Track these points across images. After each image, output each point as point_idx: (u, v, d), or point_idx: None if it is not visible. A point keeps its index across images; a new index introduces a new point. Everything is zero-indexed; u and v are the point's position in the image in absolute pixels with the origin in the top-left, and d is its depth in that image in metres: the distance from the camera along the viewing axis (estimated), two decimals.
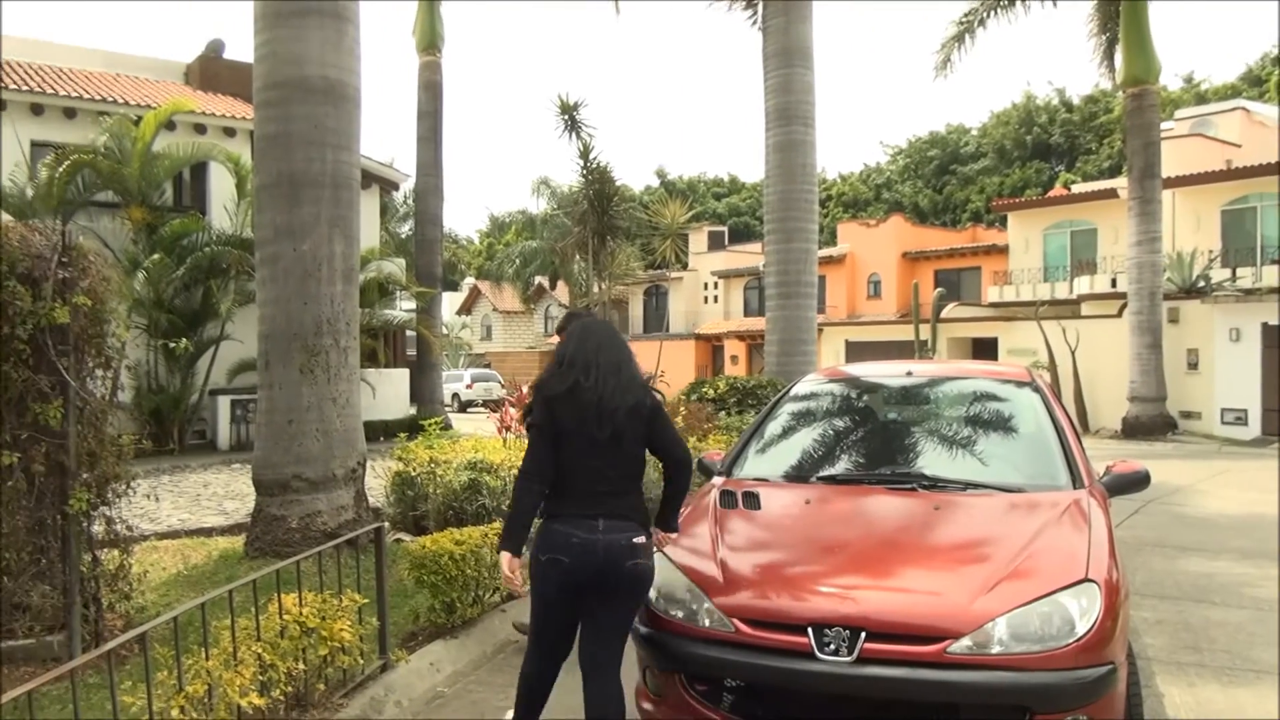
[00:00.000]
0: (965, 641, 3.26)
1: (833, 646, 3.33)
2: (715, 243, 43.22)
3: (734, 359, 37.18)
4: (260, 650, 3.90)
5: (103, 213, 17.00)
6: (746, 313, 39.32)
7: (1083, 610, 3.31)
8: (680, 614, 3.68)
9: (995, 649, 3.25)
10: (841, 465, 4.90)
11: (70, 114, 17.77)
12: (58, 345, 4.98)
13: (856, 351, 30.24)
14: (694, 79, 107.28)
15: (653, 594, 3.81)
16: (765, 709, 3.58)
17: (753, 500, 4.41)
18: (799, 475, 4.74)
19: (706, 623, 3.60)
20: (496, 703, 4.79)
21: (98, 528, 5.29)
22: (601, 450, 3.43)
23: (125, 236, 16.78)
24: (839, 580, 3.66)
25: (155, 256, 16.03)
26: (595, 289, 13.31)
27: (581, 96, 12.94)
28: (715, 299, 41.79)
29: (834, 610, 3.42)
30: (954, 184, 57.03)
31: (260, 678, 3.83)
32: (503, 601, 6.18)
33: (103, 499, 5.24)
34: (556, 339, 3.79)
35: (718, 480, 4.80)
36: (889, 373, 5.83)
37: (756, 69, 15.67)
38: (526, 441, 3.57)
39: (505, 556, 3.52)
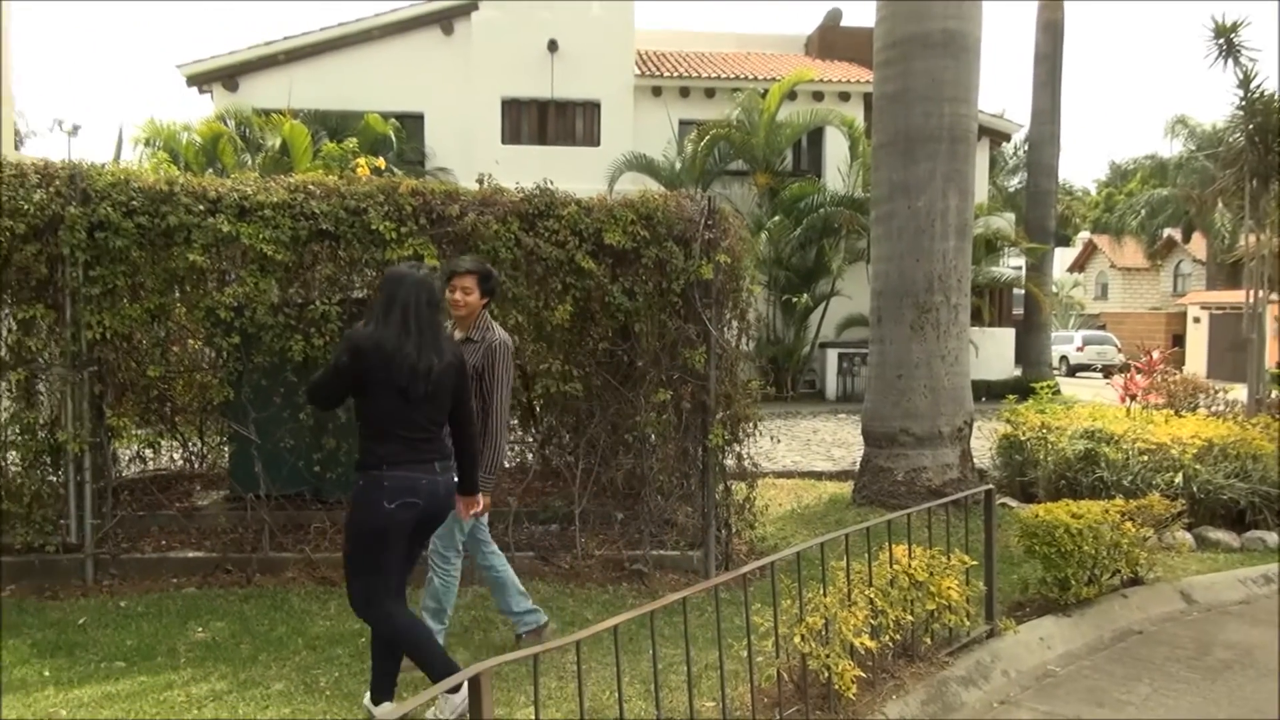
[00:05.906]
0: None
1: None
2: None
3: None
4: (872, 595, 4.03)
5: (733, 180, 18.97)
6: None
7: None
8: None
9: None
10: None
11: (710, 93, 20.03)
12: (702, 298, 5.69)
13: None
14: None
15: None
16: None
17: None
18: None
19: None
20: (1118, 694, 4.37)
21: (729, 461, 5.98)
22: (419, 403, 3.56)
23: (751, 200, 18.52)
24: None
25: (776, 218, 17.48)
26: (1248, 240, 11.34)
27: (1241, 15, 10.96)
28: None
29: None
30: None
31: (871, 621, 3.95)
32: (1123, 586, 5.63)
33: (734, 436, 5.92)
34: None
35: None
36: None
37: None
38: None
39: None
